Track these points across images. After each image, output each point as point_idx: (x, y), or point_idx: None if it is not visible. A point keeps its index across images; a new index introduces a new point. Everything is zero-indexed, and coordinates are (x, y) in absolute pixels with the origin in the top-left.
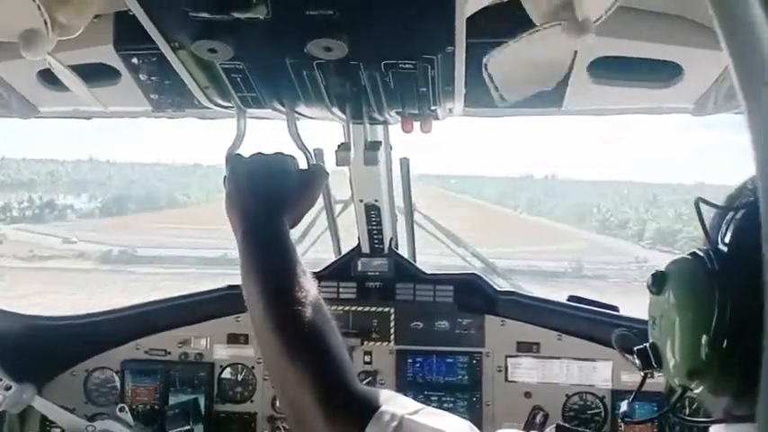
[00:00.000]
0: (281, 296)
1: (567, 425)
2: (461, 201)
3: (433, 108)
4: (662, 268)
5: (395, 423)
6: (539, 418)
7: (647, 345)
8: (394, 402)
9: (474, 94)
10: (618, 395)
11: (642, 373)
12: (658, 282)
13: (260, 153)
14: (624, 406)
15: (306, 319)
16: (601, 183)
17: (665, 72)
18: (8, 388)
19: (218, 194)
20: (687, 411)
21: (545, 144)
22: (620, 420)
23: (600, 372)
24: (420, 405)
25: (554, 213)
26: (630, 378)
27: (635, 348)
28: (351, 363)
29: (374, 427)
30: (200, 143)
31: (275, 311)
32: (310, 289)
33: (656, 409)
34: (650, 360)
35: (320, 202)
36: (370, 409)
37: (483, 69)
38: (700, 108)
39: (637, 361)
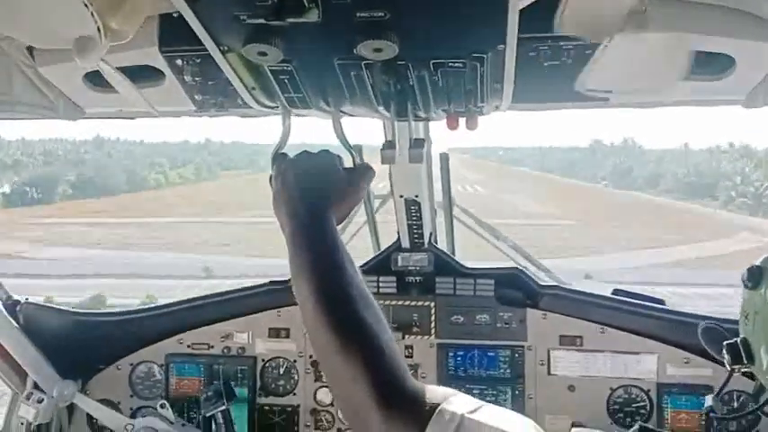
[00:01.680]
0: (333, 294)
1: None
2: (521, 175)
3: (479, 105)
4: (758, 262)
5: (455, 423)
6: None
7: (739, 340)
8: (453, 400)
9: (522, 89)
10: (663, 388)
11: (729, 369)
12: (755, 276)
13: (306, 151)
14: (709, 401)
15: (358, 316)
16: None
17: (716, 64)
18: (40, 401)
19: None
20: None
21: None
22: (665, 413)
23: (645, 365)
24: (479, 402)
25: (661, 187)
26: (676, 371)
27: (725, 343)
28: (404, 359)
29: (435, 426)
30: None
31: (327, 309)
32: (361, 286)
33: (702, 402)
34: (741, 356)
35: None
36: (428, 407)
37: (534, 64)
38: (751, 100)
39: (726, 356)
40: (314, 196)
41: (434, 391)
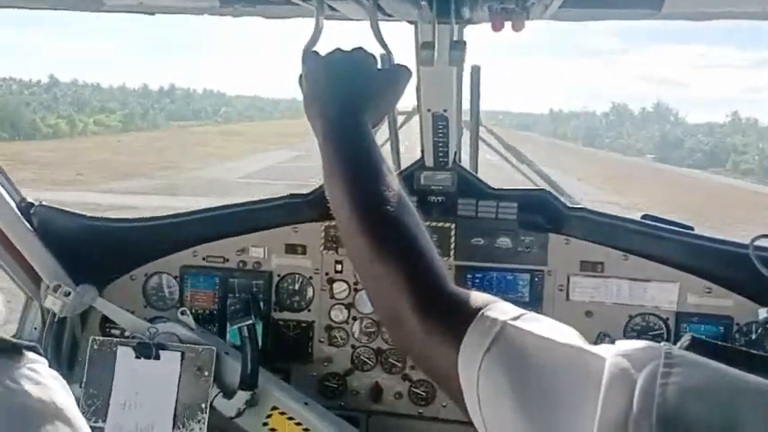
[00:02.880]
0: (369, 197)
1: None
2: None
3: (529, 2)
4: None
5: (496, 329)
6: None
7: None
8: (494, 307)
9: None
10: (682, 317)
11: None
12: None
13: (339, 49)
14: (764, 312)
15: (396, 219)
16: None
17: None
18: (68, 294)
19: None
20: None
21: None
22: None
23: (665, 293)
24: (521, 310)
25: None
26: (697, 301)
27: None
28: (443, 264)
29: (474, 332)
30: None
31: (364, 213)
32: (398, 189)
33: (722, 330)
34: None
35: None
36: (468, 313)
37: None
38: None
39: None
40: (348, 96)
41: (475, 297)
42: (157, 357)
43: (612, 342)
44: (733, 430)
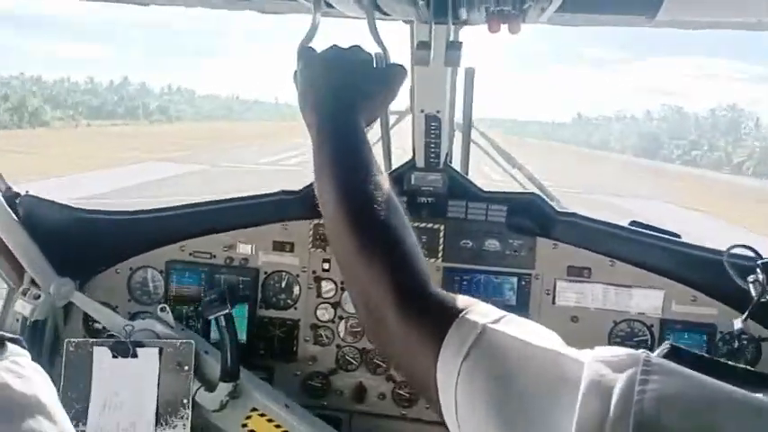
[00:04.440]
0: (357, 193)
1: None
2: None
3: (526, 5)
4: None
5: (477, 332)
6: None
7: None
8: (474, 309)
9: None
10: (667, 324)
11: (761, 288)
12: None
13: (336, 45)
14: (738, 323)
15: (382, 217)
16: None
17: None
18: (37, 297)
19: None
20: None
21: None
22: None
23: (650, 300)
24: (502, 312)
25: None
26: (681, 309)
27: (759, 262)
28: (427, 266)
29: (454, 336)
30: None
31: (351, 208)
32: (386, 188)
33: (705, 339)
34: None
35: None
36: (449, 315)
37: None
38: None
39: (760, 274)
40: (344, 92)
41: (456, 300)
42: (135, 355)
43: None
44: None
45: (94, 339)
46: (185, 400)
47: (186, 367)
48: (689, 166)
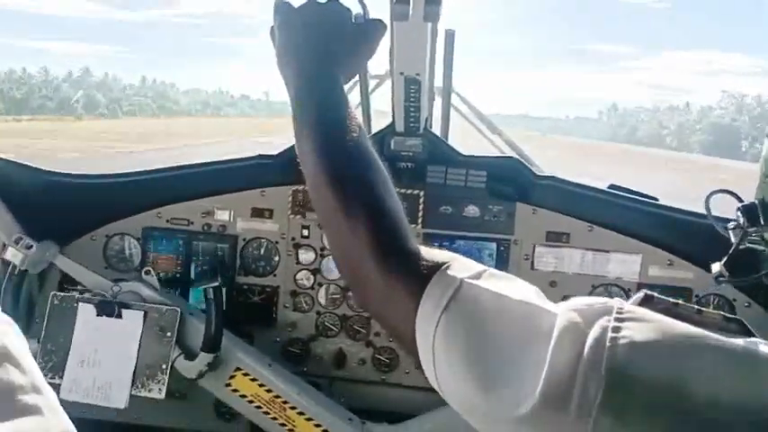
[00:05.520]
0: (337, 151)
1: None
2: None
3: None
4: None
5: (455, 285)
6: None
7: (756, 200)
8: (455, 264)
9: None
10: (644, 288)
11: (741, 232)
12: None
13: (313, 0)
14: (717, 267)
15: (362, 175)
16: None
17: None
18: (29, 247)
19: None
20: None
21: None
22: None
23: (628, 265)
24: (482, 267)
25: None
26: (659, 273)
27: (739, 206)
28: (408, 224)
29: (433, 290)
30: None
31: (331, 164)
32: (368, 147)
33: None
34: (758, 217)
35: None
36: (430, 270)
37: None
38: None
39: (740, 218)
40: (323, 47)
41: (437, 254)
42: (119, 316)
43: None
44: (680, 384)
45: (80, 296)
46: (164, 366)
47: (168, 333)
48: None
